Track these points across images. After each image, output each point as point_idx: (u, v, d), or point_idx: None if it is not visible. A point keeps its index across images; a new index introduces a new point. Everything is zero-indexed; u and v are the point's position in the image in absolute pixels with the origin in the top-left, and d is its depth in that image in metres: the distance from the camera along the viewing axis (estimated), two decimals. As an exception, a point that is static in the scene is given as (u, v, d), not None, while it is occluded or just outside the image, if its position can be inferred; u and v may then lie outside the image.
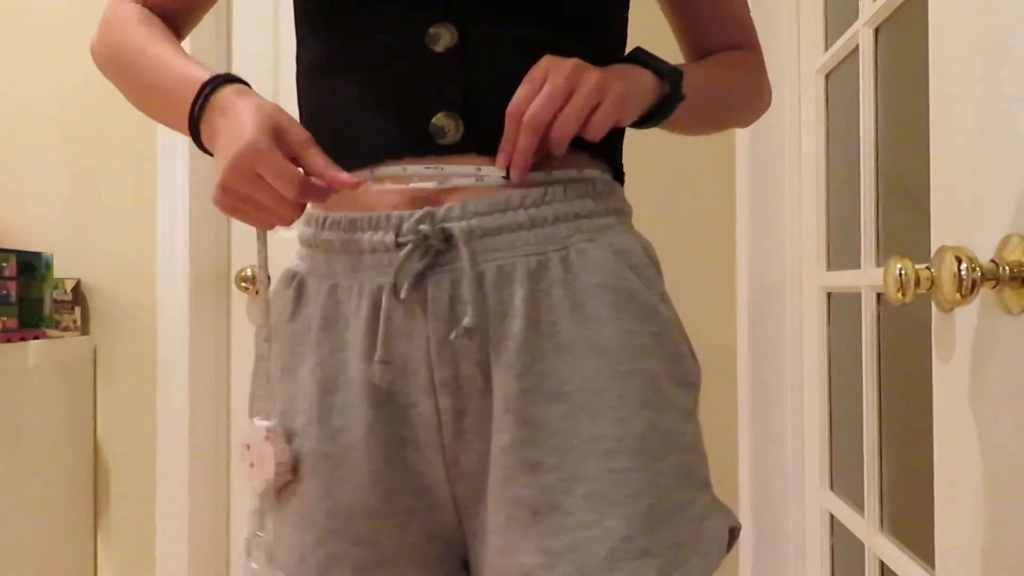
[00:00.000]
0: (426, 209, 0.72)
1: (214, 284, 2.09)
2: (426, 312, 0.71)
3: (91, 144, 2.08)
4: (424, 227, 0.71)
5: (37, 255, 1.95)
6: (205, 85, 0.73)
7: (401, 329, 0.72)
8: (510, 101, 0.71)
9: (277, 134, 0.69)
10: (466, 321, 0.69)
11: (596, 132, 0.72)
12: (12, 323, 1.88)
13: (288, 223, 0.72)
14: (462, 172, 0.73)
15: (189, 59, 0.78)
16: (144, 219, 2.04)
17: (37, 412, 1.91)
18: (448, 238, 0.71)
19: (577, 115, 0.70)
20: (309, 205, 0.79)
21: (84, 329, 2.07)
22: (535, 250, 0.72)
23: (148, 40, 0.80)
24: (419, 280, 0.71)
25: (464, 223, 0.71)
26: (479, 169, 0.73)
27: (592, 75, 0.70)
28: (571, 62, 0.70)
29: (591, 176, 0.77)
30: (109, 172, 2.07)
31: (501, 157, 0.72)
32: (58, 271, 2.06)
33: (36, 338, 1.94)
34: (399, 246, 0.72)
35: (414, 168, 0.73)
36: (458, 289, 0.71)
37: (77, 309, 2.05)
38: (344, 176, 0.70)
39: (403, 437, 0.73)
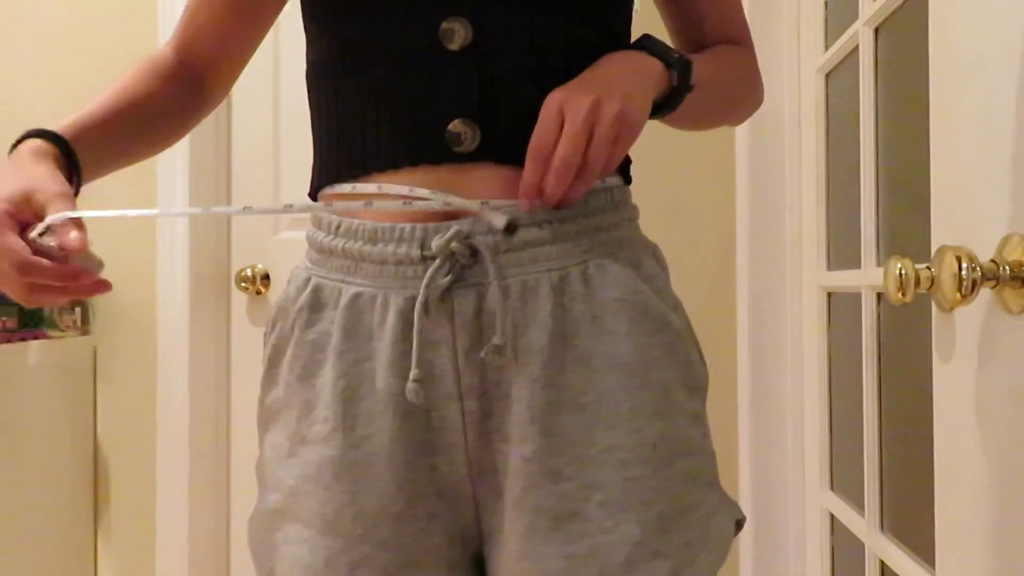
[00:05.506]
0: (455, 229, 0.72)
1: (214, 284, 2.09)
2: (453, 323, 0.72)
3: (91, 144, 2.07)
4: (454, 245, 0.71)
5: (37, 255, 1.95)
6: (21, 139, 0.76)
7: (428, 339, 0.72)
8: (530, 140, 0.70)
9: (23, 199, 0.70)
10: (496, 339, 0.70)
11: (616, 164, 0.72)
12: (12, 323, 1.88)
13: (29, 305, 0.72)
14: (469, 206, 0.71)
15: (88, 109, 0.81)
16: (144, 219, 2.03)
17: (37, 412, 1.90)
18: (474, 252, 0.72)
19: (601, 156, 0.70)
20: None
21: (84, 329, 2.07)
22: (557, 264, 0.73)
23: (107, 88, 0.84)
24: (445, 293, 0.72)
25: (491, 238, 0.72)
26: (487, 203, 0.72)
27: (610, 108, 0.69)
28: (588, 98, 0.69)
29: (608, 184, 0.77)
30: (109, 172, 2.07)
31: (524, 202, 0.72)
32: (58, 271, 2.05)
33: (36, 338, 1.94)
34: (424, 259, 0.72)
35: (421, 191, 0.72)
36: (484, 302, 0.72)
37: (77, 309, 2.05)
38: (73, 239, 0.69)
39: (428, 443, 0.74)
